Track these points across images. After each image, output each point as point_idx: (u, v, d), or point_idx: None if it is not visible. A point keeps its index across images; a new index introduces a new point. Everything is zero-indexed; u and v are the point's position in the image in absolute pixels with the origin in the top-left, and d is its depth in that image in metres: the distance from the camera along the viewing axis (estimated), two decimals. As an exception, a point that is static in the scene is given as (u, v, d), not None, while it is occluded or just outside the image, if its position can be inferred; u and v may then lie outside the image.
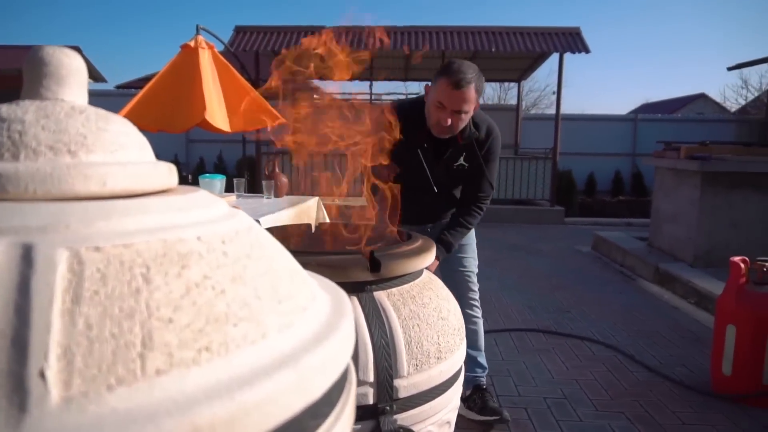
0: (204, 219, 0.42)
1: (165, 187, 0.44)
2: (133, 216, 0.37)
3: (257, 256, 0.43)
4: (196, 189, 0.48)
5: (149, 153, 0.46)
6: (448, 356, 1.14)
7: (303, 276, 0.48)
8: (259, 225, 0.50)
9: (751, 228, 4.51)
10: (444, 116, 1.84)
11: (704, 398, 2.51)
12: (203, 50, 4.25)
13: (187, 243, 0.38)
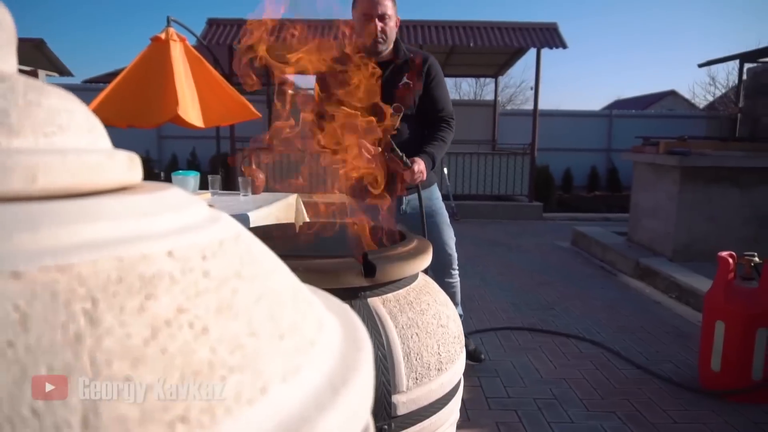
0: (177, 226, 0.31)
1: (124, 184, 0.33)
2: (75, 225, 0.26)
3: (250, 274, 0.32)
4: (167, 186, 0.37)
5: (103, 139, 0.35)
6: (449, 367, 1.05)
7: (306, 296, 0.38)
8: (247, 230, 0.40)
9: (729, 222, 4.55)
10: (373, 25, 2.02)
11: (694, 395, 2.48)
12: (174, 43, 4.08)
13: (153, 261, 0.27)
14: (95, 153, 0.31)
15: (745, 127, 5.57)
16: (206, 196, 3.39)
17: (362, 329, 0.40)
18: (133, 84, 3.92)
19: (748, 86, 5.45)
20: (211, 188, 3.61)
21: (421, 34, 8.23)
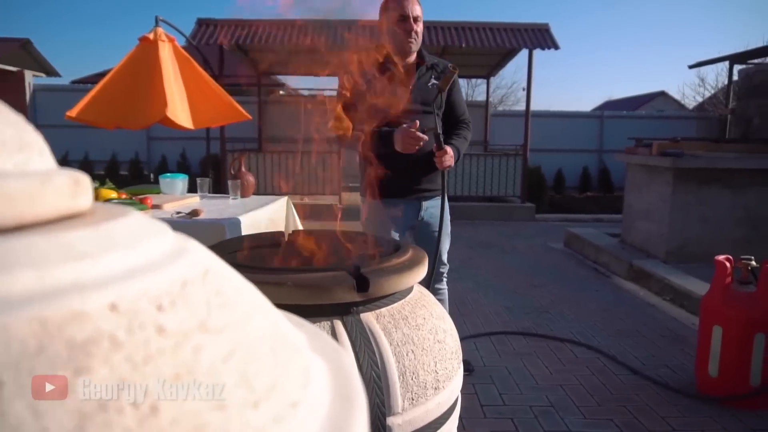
0: (127, 268, 0.25)
1: (65, 213, 0.27)
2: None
3: (219, 324, 0.27)
4: (123, 212, 0.31)
5: (39, 158, 0.29)
6: (446, 385, 0.99)
7: (290, 341, 0.32)
8: (219, 261, 0.34)
9: (721, 223, 4.54)
10: (409, 26, 2.14)
11: (691, 401, 2.44)
12: (163, 43, 4.00)
13: (88, 320, 0.21)
14: (24, 178, 0.25)
15: (737, 128, 5.57)
16: (195, 199, 3.32)
17: (356, 378, 0.34)
18: (121, 85, 3.85)
19: (740, 87, 5.45)
20: (200, 191, 3.54)
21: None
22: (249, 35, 8.09)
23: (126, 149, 11.62)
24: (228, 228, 2.31)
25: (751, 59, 8.92)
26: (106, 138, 10.58)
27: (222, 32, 8.07)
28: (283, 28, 8.19)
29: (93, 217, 0.28)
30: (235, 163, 3.59)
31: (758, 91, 5.18)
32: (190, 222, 2.42)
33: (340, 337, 0.91)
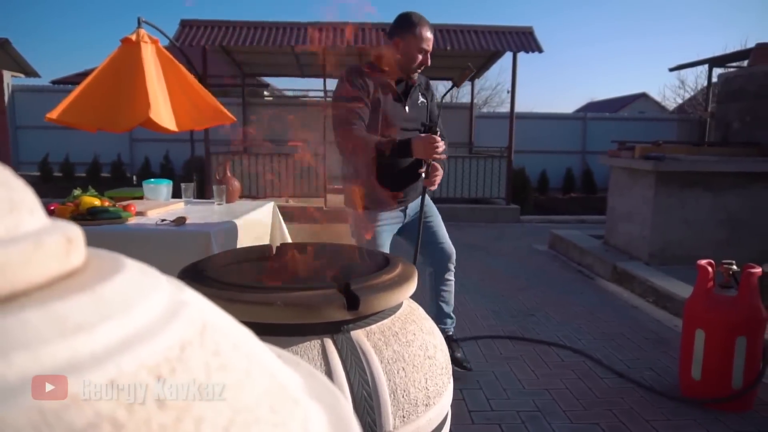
0: (124, 337, 0.24)
1: (58, 275, 0.27)
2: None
3: (218, 386, 0.26)
4: (117, 266, 0.30)
5: (31, 215, 0.28)
6: (436, 401, 0.99)
7: (287, 393, 0.32)
8: (215, 311, 0.33)
9: (702, 226, 4.61)
10: (425, 59, 2.40)
11: (675, 404, 2.48)
12: (146, 44, 3.96)
13: (87, 404, 0.21)
14: (16, 244, 0.24)
15: (717, 131, 5.67)
16: (179, 205, 3.28)
17: (353, 423, 0.34)
18: (103, 87, 3.79)
19: (720, 91, 5.55)
20: (184, 196, 3.50)
21: (398, 37, 8.19)
22: (233, 37, 8.03)
23: (108, 151, 11.46)
24: (214, 236, 2.29)
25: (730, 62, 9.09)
26: (87, 139, 10.42)
27: (205, 34, 8.00)
28: (268, 30, 8.15)
29: (86, 275, 0.28)
30: (220, 168, 3.56)
31: (737, 95, 5.28)
32: (175, 230, 2.39)
33: (330, 355, 0.90)
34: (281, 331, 0.91)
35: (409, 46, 2.36)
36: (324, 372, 0.88)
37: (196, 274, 1.03)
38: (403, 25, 2.39)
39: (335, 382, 0.87)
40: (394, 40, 2.41)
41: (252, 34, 8.09)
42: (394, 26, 2.43)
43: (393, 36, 2.41)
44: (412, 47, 2.35)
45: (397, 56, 2.38)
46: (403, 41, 2.37)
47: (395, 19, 2.46)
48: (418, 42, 2.35)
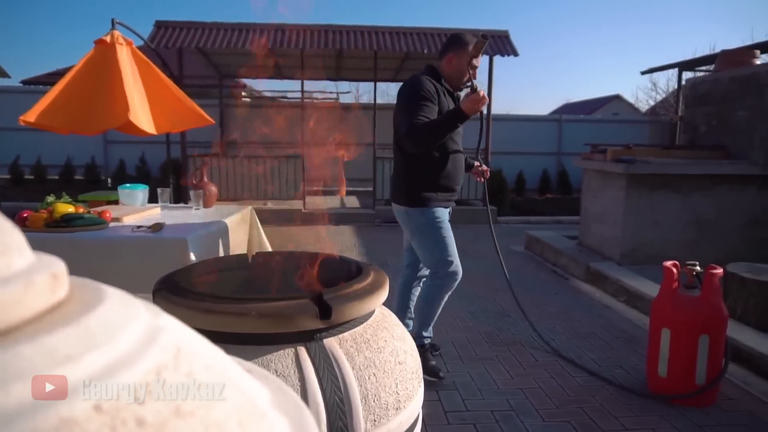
0: (108, 363, 0.28)
1: (44, 308, 0.30)
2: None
3: (190, 407, 0.30)
4: (99, 296, 0.33)
5: (20, 254, 0.31)
6: (407, 405, 1.03)
7: (256, 408, 0.35)
8: (188, 333, 0.37)
9: (671, 227, 4.75)
10: (474, 75, 2.62)
11: (643, 401, 2.57)
12: (121, 46, 3.92)
13: (76, 426, 0.24)
14: (7, 284, 0.27)
15: (685, 135, 5.85)
16: (156, 210, 3.27)
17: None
18: (78, 89, 3.75)
19: (688, 95, 5.73)
20: (161, 201, 3.49)
21: (376, 40, 8.24)
22: (209, 38, 7.98)
23: (81, 153, 11.26)
24: (191, 243, 2.30)
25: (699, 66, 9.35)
26: (60, 142, 10.24)
27: (181, 35, 7.94)
28: (245, 32, 8.11)
29: (71, 307, 0.31)
30: (197, 172, 3.56)
31: (703, 100, 5.45)
32: (152, 237, 2.39)
33: (303, 363, 0.94)
34: (256, 341, 0.94)
35: (461, 62, 2.62)
36: (297, 379, 0.92)
37: (173, 285, 1.05)
38: (458, 43, 2.65)
39: (308, 389, 0.91)
40: (447, 56, 2.67)
41: (229, 35, 8.05)
42: (448, 43, 2.69)
43: (447, 52, 2.68)
44: (464, 63, 2.61)
45: (448, 71, 2.67)
46: (456, 57, 2.64)
47: (449, 37, 2.73)
48: (468, 59, 2.60)
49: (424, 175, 2.68)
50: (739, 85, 5.02)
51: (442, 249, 2.71)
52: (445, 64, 2.69)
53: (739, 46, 6.37)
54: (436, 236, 2.70)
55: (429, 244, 2.74)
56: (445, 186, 2.71)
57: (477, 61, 2.63)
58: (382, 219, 7.96)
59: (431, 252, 2.75)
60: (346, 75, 11.52)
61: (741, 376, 2.79)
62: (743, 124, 4.96)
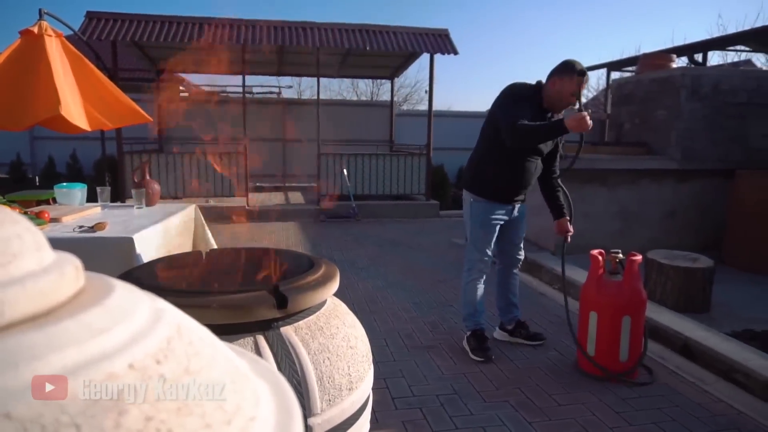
0: (131, 334, 0.35)
1: (73, 294, 0.37)
2: (47, 356, 0.30)
3: (197, 367, 0.37)
4: (110, 285, 0.40)
5: (47, 251, 0.38)
6: (358, 385, 1.13)
7: (241, 371, 0.43)
8: (182, 314, 0.44)
9: (599, 218, 5.09)
10: (575, 100, 2.78)
11: (574, 379, 2.78)
12: (50, 38, 3.76)
13: (118, 378, 0.31)
14: (49, 276, 0.34)
15: (611, 132, 6.25)
16: (96, 210, 3.19)
17: (291, 393, 0.46)
18: (2, 82, 3.57)
19: (614, 95, 6.12)
20: (101, 200, 3.41)
21: (318, 36, 8.25)
22: (145, 32, 7.72)
23: (5, 150, 10.61)
24: (137, 242, 2.29)
25: (625, 67, 9.94)
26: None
27: (115, 27, 7.64)
28: (184, 25, 7.91)
29: (91, 293, 0.38)
30: (138, 170, 3.49)
31: (627, 99, 5.85)
32: (96, 237, 2.36)
33: (263, 350, 1.01)
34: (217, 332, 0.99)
35: (563, 87, 2.77)
36: (257, 365, 0.99)
37: (133, 281, 1.09)
38: (564, 69, 2.79)
39: (268, 374, 0.98)
40: (552, 79, 2.83)
41: (166, 29, 7.82)
42: (556, 68, 2.83)
43: (553, 76, 2.83)
44: (565, 89, 2.77)
45: (550, 92, 2.83)
46: (560, 81, 2.79)
47: (561, 63, 2.85)
48: (572, 86, 2.76)
49: (490, 170, 2.97)
50: (658, 87, 5.42)
51: (473, 239, 3.07)
52: (549, 84, 2.84)
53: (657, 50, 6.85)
54: (474, 225, 3.05)
55: (467, 229, 3.13)
56: (502, 188, 2.99)
57: (581, 90, 2.79)
58: (327, 215, 8.00)
59: (468, 237, 3.14)
60: (288, 70, 11.43)
61: (658, 352, 3.07)
62: (662, 122, 5.37)
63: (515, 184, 2.99)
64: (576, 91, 2.77)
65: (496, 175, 2.95)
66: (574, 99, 2.80)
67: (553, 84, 2.82)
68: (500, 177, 2.95)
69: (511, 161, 2.92)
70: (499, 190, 2.99)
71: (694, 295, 3.65)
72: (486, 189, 2.99)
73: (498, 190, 2.98)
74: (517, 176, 2.96)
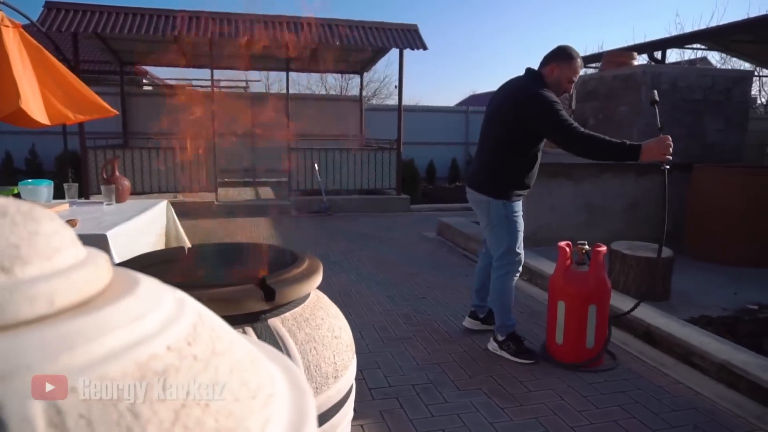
0: (163, 320, 0.39)
1: (105, 284, 0.40)
2: (97, 340, 0.33)
3: (221, 349, 0.41)
4: (135, 278, 0.44)
5: (79, 245, 0.41)
6: (343, 373, 1.17)
7: (257, 355, 0.47)
8: (198, 303, 0.48)
9: (565, 211, 5.24)
10: (571, 87, 2.85)
11: (543, 366, 2.89)
12: (7, 29, 3.63)
13: (160, 358, 0.35)
14: (87, 268, 0.37)
15: (576, 127, 6.43)
16: (64, 207, 3.13)
17: (300, 373, 0.50)
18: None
19: (578, 91, 6.29)
20: (68, 197, 3.34)
21: (287, 30, 8.19)
22: (108, 23, 7.52)
23: (-41, 145, 10.19)
24: (111, 239, 2.27)
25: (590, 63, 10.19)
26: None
27: (76, 18, 7.41)
28: (148, 18, 7.74)
29: (121, 284, 0.41)
30: (107, 166, 3.44)
31: (591, 95, 6.02)
32: (66, 234, 2.32)
33: (251, 342, 1.05)
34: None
35: (563, 74, 2.78)
36: (246, 356, 1.02)
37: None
38: (562, 55, 2.79)
39: (257, 364, 1.02)
40: (549, 65, 2.80)
41: (130, 20, 7.64)
42: (552, 54, 2.82)
43: (549, 62, 2.81)
44: (564, 76, 2.78)
45: (550, 80, 2.80)
46: (559, 68, 2.78)
47: (555, 49, 2.83)
48: (571, 73, 2.78)
49: (513, 173, 2.92)
50: (620, 84, 5.61)
51: (512, 239, 2.97)
52: (547, 72, 2.82)
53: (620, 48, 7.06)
54: (511, 227, 2.97)
55: (503, 233, 2.98)
56: (527, 184, 3.00)
57: (577, 76, 2.80)
58: (298, 209, 7.99)
59: (503, 241, 2.99)
60: (256, 64, 11.30)
61: (622, 338, 3.21)
62: (624, 118, 5.56)
63: (533, 180, 3.06)
64: (573, 78, 2.80)
65: (523, 177, 2.96)
66: (571, 86, 2.84)
67: (551, 71, 2.81)
68: (528, 177, 2.98)
69: (532, 159, 2.95)
70: (526, 189, 3.03)
71: (655, 284, 3.81)
72: (516, 191, 2.97)
73: (525, 188, 3.02)
74: (535, 171, 3.04)
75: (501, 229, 2.99)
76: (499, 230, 3.00)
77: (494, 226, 3.01)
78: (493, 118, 2.97)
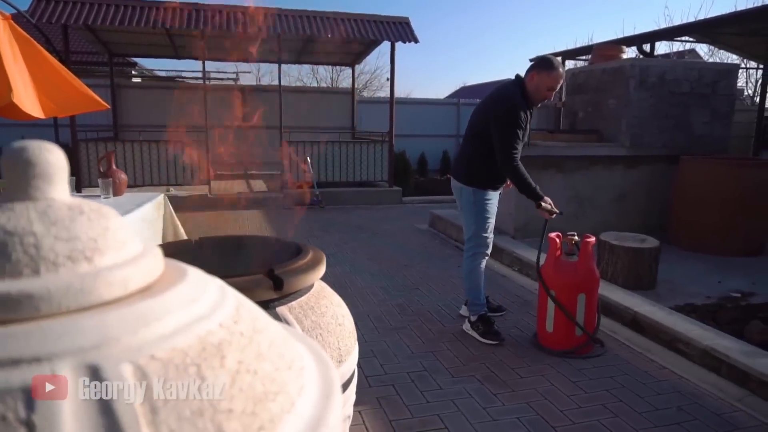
0: (212, 303, 0.45)
1: (162, 272, 0.46)
2: (165, 318, 0.39)
3: (261, 327, 0.47)
4: (181, 267, 0.50)
5: (137, 239, 0.47)
6: (347, 358, 1.24)
7: (287, 334, 0.54)
8: (234, 290, 0.54)
9: (556, 202, 5.28)
10: (551, 95, 3.00)
11: (534, 354, 2.98)
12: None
13: (215, 333, 0.41)
14: (149, 257, 0.44)
15: (566, 120, 6.51)
16: (62, 201, 3.16)
17: (320, 349, 0.57)
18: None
19: (568, 84, 6.37)
20: (65, 191, 3.37)
21: (279, 23, 8.19)
22: (98, 15, 7.48)
23: (-53, 138, 10.08)
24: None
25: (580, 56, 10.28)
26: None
27: (66, 10, 7.36)
28: (139, 9, 7.70)
29: (173, 273, 0.48)
30: (104, 160, 3.47)
31: (581, 88, 6.10)
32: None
33: (261, 328, 1.11)
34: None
35: (542, 82, 2.94)
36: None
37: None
38: (543, 65, 2.95)
39: (267, 350, 1.08)
40: (531, 73, 2.97)
41: (121, 12, 7.60)
42: (535, 63, 2.98)
43: (531, 70, 2.97)
44: (543, 84, 2.94)
45: (529, 87, 2.97)
46: (538, 76, 2.94)
47: (538, 58, 3.02)
48: (551, 81, 2.94)
49: (485, 167, 3.13)
50: (609, 77, 5.69)
51: (479, 225, 3.23)
52: (528, 79, 3.00)
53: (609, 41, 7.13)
54: (479, 213, 3.21)
55: (470, 218, 3.24)
56: (500, 177, 3.19)
57: (557, 86, 2.96)
58: (291, 202, 8.03)
59: (470, 225, 3.26)
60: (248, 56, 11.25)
61: (610, 326, 3.31)
62: (613, 111, 5.65)
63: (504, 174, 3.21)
64: (552, 86, 2.95)
65: (493, 170, 3.12)
66: (550, 94, 2.99)
67: (531, 79, 2.99)
68: (493, 172, 3.15)
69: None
70: (498, 181, 3.21)
71: (642, 274, 3.92)
72: (487, 181, 3.17)
73: (497, 181, 3.20)
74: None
75: (469, 215, 3.24)
76: (467, 215, 3.26)
77: (464, 210, 3.27)
78: (478, 112, 3.20)
